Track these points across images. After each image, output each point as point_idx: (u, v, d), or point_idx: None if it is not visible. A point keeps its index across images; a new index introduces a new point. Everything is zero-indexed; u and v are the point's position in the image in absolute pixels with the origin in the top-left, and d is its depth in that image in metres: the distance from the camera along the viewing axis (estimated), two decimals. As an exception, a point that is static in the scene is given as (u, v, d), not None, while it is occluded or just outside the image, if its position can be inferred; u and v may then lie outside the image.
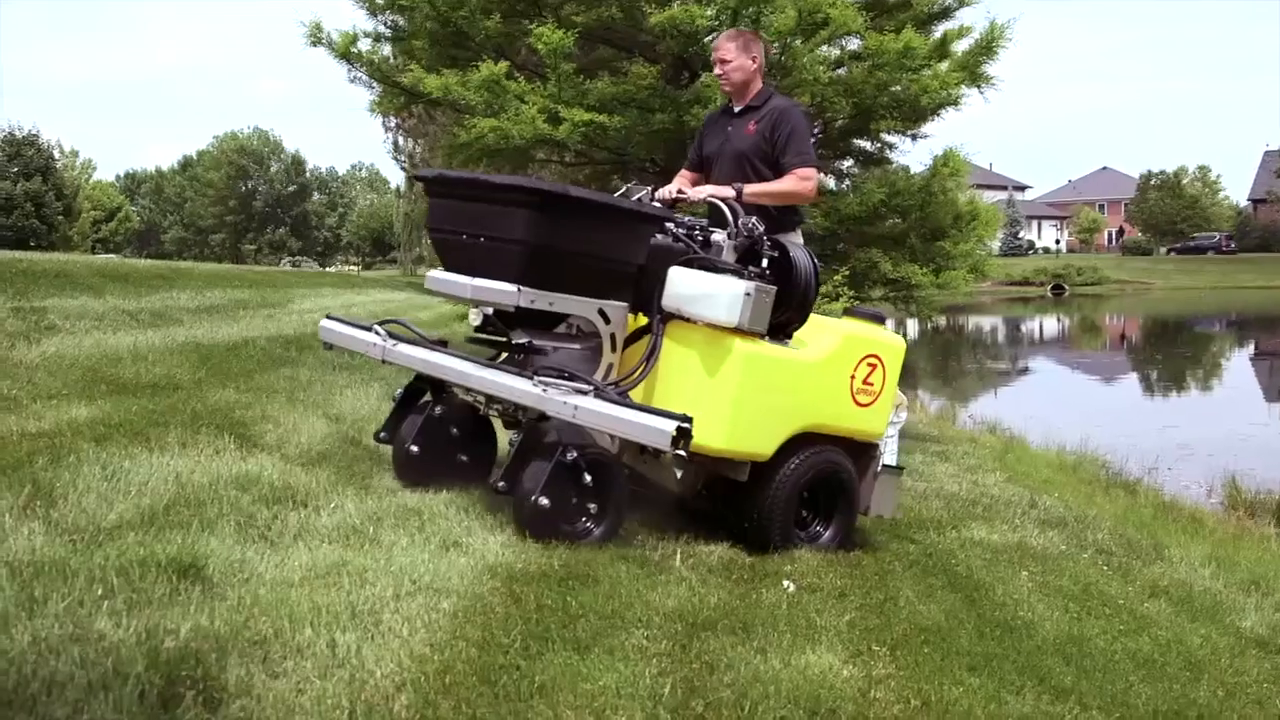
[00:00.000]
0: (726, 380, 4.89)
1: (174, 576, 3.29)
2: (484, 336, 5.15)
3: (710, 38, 10.07)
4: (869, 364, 5.35)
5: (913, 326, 40.05)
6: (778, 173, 5.62)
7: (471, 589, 3.76)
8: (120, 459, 4.49)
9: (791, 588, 4.55)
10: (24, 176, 47.72)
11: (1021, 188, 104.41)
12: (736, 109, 5.85)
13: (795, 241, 5.61)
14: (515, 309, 4.79)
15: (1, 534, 3.46)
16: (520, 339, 4.94)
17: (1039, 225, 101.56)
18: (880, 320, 5.66)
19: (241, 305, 12.21)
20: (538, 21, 9.80)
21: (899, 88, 10.42)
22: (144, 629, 2.88)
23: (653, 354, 5.02)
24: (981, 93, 11.04)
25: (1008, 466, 10.51)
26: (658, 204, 5.50)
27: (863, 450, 5.52)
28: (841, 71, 10.64)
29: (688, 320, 4.99)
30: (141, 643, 2.79)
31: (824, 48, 10.22)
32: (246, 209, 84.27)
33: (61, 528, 3.63)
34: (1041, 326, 51.30)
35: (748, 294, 4.78)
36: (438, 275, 5.11)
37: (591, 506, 4.64)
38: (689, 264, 5.02)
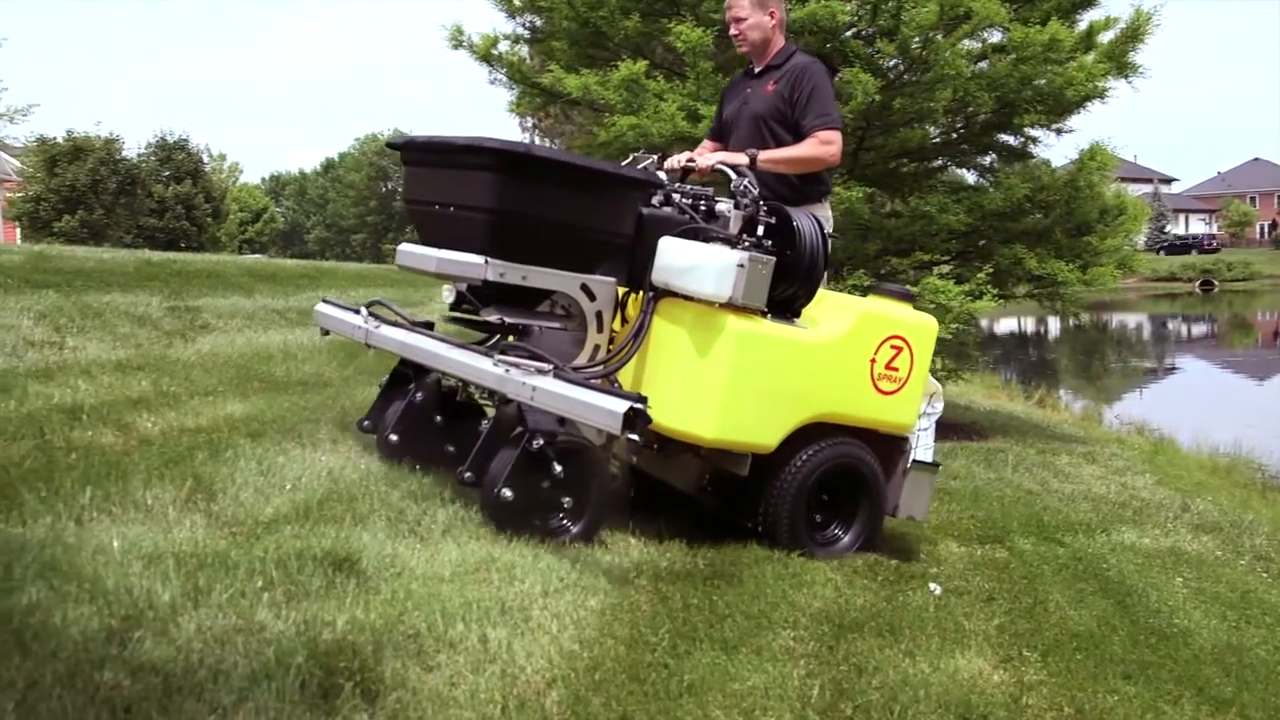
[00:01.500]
0: (718, 362, 4.42)
1: (329, 570, 3.36)
2: (460, 316, 4.80)
3: (850, 33, 9.97)
4: (892, 346, 4.83)
5: (1054, 324, 39.32)
6: (798, 136, 5.18)
7: (618, 587, 3.79)
8: (274, 455, 4.60)
9: (938, 590, 4.48)
10: (175, 180, 49.18)
11: (1168, 180, 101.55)
12: (757, 70, 5.44)
13: (822, 214, 5.21)
14: (483, 284, 4.40)
15: (166, 525, 3.57)
16: (491, 316, 4.52)
17: (1186, 219, 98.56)
18: (909, 299, 5.10)
19: (385, 304, 12.44)
20: (676, 20, 9.80)
21: (1043, 81, 10.18)
22: (303, 620, 2.95)
23: (639, 333, 4.59)
24: (1129, 82, 10.75)
25: (1157, 468, 10.23)
26: (663, 173, 5.04)
27: (889, 444, 5.01)
28: (984, 65, 10.44)
29: (680, 297, 4.57)
30: (301, 634, 2.86)
31: (965, 41, 10.03)
32: (387, 209, 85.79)
33: (221, 520, 3.74)
34: (1189, 324, 49.79)
35: (740, 265, 4.32)
36: (406, 249, 4.77)
37: (566, 501, 4.23)
38: (684, 234, 4.63)
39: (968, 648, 3.80)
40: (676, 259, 4.52)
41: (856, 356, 4.76)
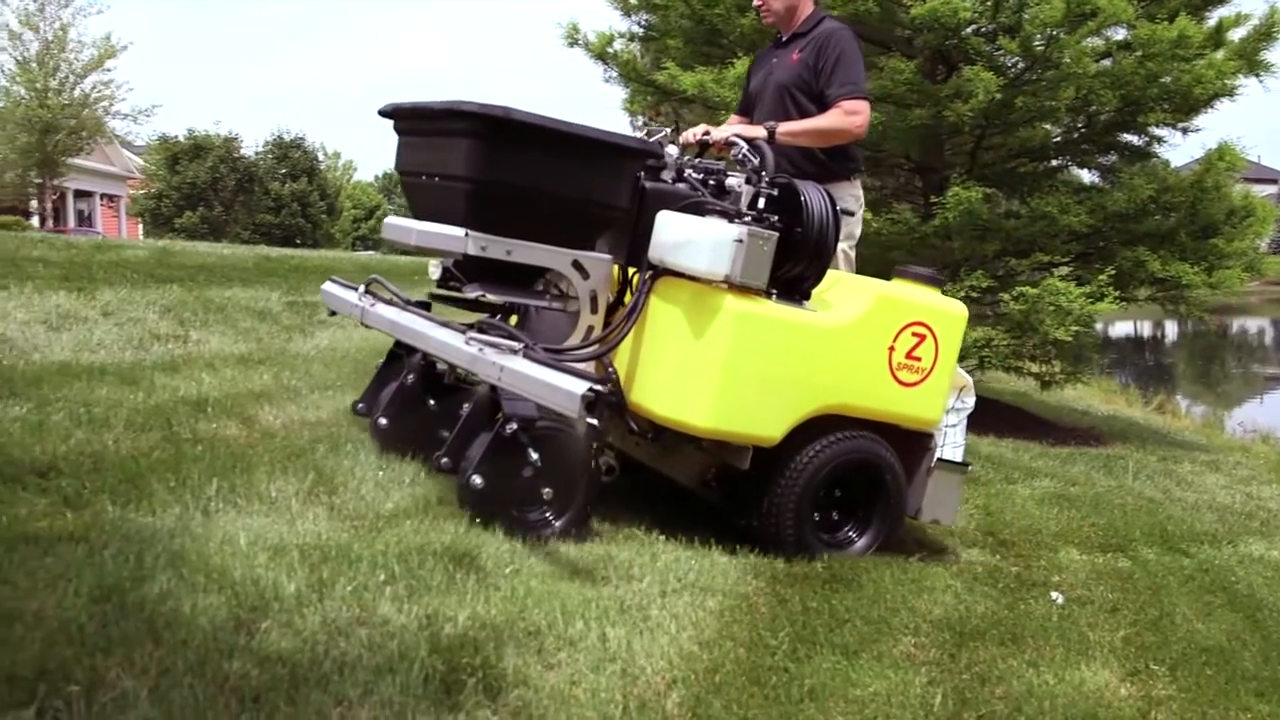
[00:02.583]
0: (714, 345, 4.06)
1: (450, 565, 3.37)
2: (445, 293, 4.52)
3: (971, 30, 9.81)
4: (914, 334, 4.42)
5: (1171, 327, 38.42)
6: (823, 107, 4.88)
7: (735, 588, 3.75)
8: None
9: (1060, 599, 4.38)
10: (291, 178, 50.08)
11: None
12: (784, 38, 5.18)
13: (851, 192, 4.97)
14: (465, 259, 4.12)
15: (290, 518, 3.62)
16: (472, 293, 4.24)
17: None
18: (936, 283, 4.66)
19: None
20: (793, 17, 9.73)
21: (1169, 78, 9.94)
22: (424, 615, 2.96)
23: (632, 313, 4.25)
24: (1260, 81, 10.46)
25: (1285, 478, 9.92)
26: (674, 147, 4.73)
27: (911, 440, 4.60)
28: (1107, 63, 10.21)
29: (679, 275, 4.22)
30: (423, 628, 2.87)
31: (1090, 39, 9.82)
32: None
33: (343, 514, 3.78)
34: (1315, 330, 48.21)
35: (738, 240, 3.97)
36: (390, 221, 4.57)
37: (546, 492, 3.95)
38: (686, 209, 4.28)
39: (1093, 659, 3.70)
40: (672, 234, 4.20)
41: (872, 343, 4.39)
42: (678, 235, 4.16)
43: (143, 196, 46.32)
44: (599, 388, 3.47)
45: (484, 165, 4.01)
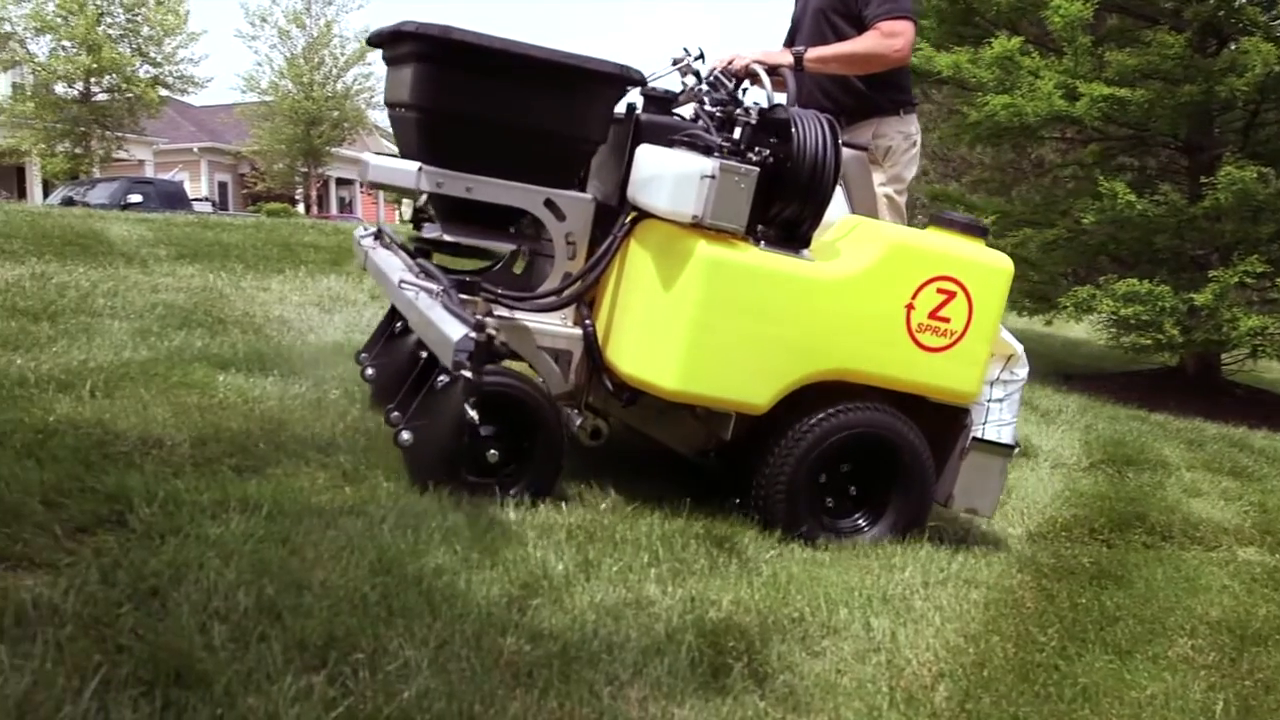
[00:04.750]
0: (683, 296, 3.54)
1: (711, 548, 3.40)
2: (423, 236, 4.12)
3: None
4: (940, 291, 3.75)
5: None
6: (862, 31, 4.32)
7: (1000, 581, 3.66)
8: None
9: (1349, 604, 4.11)
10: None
11: None
12: None
13: (901, 129, 4.44)
14: (429, 196, 3.79)
15: (555, 497, 3.69)
16: (430, 233, 3.92)
17: None
18: (978, 233, 3.93)
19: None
20: (1055, -8, 9.42)
21: None
22: (689, 597, 2.99)
23: (601, 259, 3.81)
24: None
25: None
26: (692, 78, 4.18)
27: (941, 416, 3.98)
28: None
29: (656, 217, 3.70)
30: (687, 611, 2.89)
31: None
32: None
33: (606, 494, 3.84)
34: None
35: (708, 176, 3.42)
36: (361, 157, 4.22)
37: (492, 453, 3.57)
38: (672, 143, 3.76)
39: (1390, 673, 3.46)
40: (643, 170, 3.72)
41: (885, 299, 3.74)
42: (647, 171, 3.70)
43: (399, 183, 48.06)
44: (476, 335, 3.12)
45: (431, 91, 3.68)
